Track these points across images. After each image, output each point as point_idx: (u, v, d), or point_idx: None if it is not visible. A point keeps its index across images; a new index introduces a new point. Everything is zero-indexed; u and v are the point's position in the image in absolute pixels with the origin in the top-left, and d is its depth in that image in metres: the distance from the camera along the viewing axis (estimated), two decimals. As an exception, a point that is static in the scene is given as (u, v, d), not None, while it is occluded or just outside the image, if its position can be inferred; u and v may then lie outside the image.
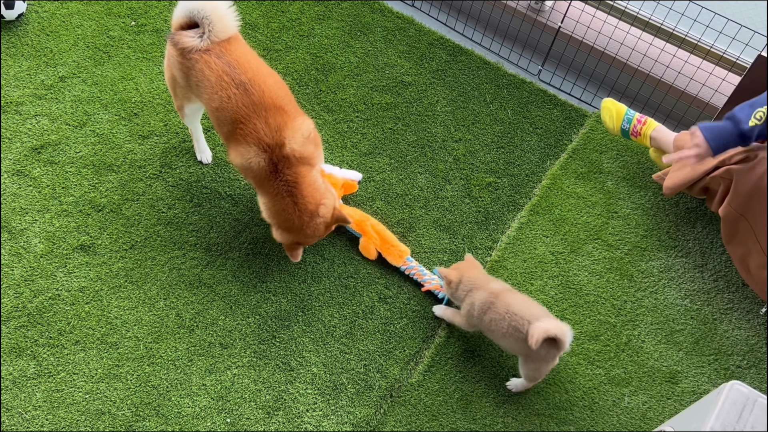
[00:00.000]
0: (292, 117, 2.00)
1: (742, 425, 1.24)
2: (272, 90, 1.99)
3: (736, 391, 1.27)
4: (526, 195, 2.49)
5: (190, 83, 2.04)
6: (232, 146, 2.02)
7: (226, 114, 1.97)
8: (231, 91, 1.95)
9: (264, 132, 1.94)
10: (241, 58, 1.99)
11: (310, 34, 2.87)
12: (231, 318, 2.18)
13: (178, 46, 1.98)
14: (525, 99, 2.73)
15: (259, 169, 1.97)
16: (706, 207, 2.46)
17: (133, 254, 2.28)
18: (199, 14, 1.94)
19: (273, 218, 2.06)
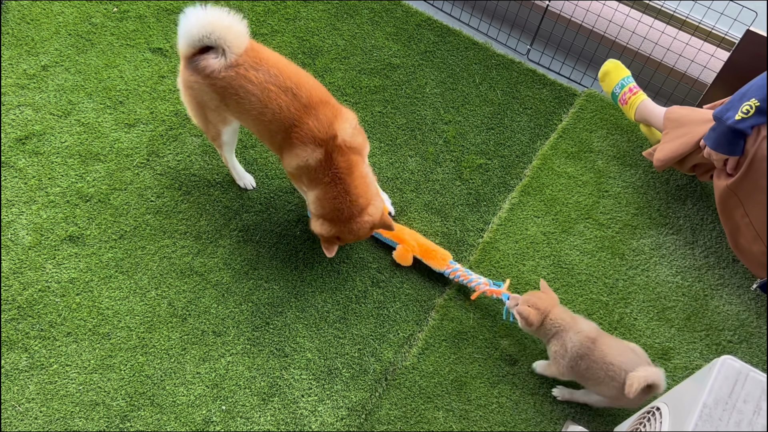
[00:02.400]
0: (337, 109, 1.97)
1: (735, 399, 1.25)
2: (315, 88, 1.96)
3: (728, 365, 1.28)
4: (517, 176, 2.49)
5: (228, 103, 1.97)
6: (287, 152, 1.97)
7: (280, 123, 1.93)
8: (281, 100, 1.91)
9: (317, 128, 1.91)
10: (279, 64, 1.94)
11: (296, 17, 2.84)
12: (223, 306, 2.17)
13: (206, 72, 1.91)
14: (514, 79, 2.72)
15: (316, 164, 1.93)
16: (696, 184, 2.47)
17: (122, 244, 2.26)
18: (211, 38, 1.86)
19: (321, 208, 2.00)
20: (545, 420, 2.02)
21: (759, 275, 2.18)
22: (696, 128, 2.10)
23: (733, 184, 2.00)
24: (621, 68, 2.44)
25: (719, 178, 2.07)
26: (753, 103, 1.85)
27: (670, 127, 2.21)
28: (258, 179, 2.41)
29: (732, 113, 1.90)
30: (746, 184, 1.97)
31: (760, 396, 1.25)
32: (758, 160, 1.93)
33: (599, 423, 2.02)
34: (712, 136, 1.98)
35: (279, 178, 2.43)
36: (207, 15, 1.85)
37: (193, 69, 1.93)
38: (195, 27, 1.85)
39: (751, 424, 1.22)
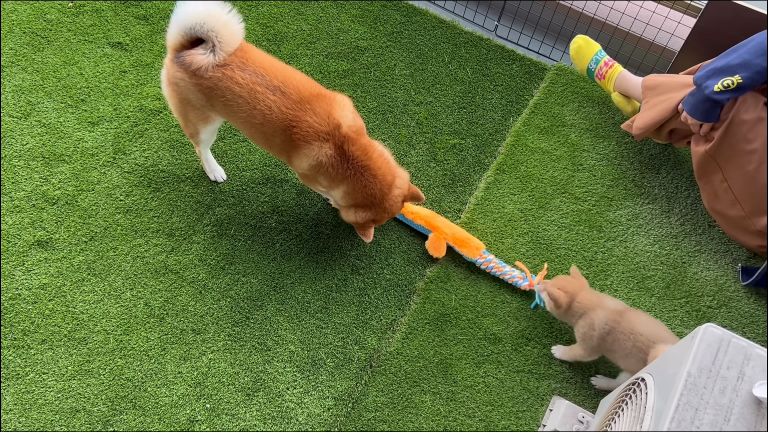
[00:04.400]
0: (331, 98, 1.90)
1: (718, 366, 1.26)
2: (304, 82, 1.89)
3: (710, 333, 1.28)
4: (491, 154, 2.47)
5: (214, 103, 1.91)
6: (294, 155, 1.90)
7: (274, 124, 1.86)
8: (270, 100, 1.84)
9: (317, 123, 1.84)
10: (265, 63, 1.87)
11: (258, 4, 2.77)
12: (201, 303, 2.13)
13: (192, 68, 1.83)
14: (483, 56, 2.69)
15: (329, 160, 1.87)
16: (670, 153, 2.47)
17: (93, 246, 2.20)
18: (203, 28, 1.78)
19: (353, 199, 1.95)
20: (532, 397, 2.03)
21: (735, 239, 2.20)
22: (674, 94, 2.09)
23: (711, 150, 2.00)
24: (591, 43, 2.42)
25: (697, 144, 2.07)
26: (735, 80, 1.84)
27: (648, 96, 2.20)
28: (228, 171, 2.36)
29: (711, 83, 1.89)
30: (724, 149, 1.98)
31: (743, 362, 1.25)
32: (735, 125, 1.93)
33: (585, 396, 2.03)
34: (690, 102, 1.97)
35: (250, 169, 2.38)
36: (206, 5, 1.78)
37: (179, 64, 1.85)
38: (191, 13, 1.77)
39: (735, 390, 1.23)
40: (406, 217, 2.23)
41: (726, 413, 1.21)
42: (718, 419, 1.21)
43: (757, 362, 1.25)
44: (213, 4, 1.79)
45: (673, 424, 1.20)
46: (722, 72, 1.88)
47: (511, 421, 1.99)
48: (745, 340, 1.28)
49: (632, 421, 1.38)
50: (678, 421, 1.21)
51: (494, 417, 2.00)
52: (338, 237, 2.27)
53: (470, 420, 1.99)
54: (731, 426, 1.20)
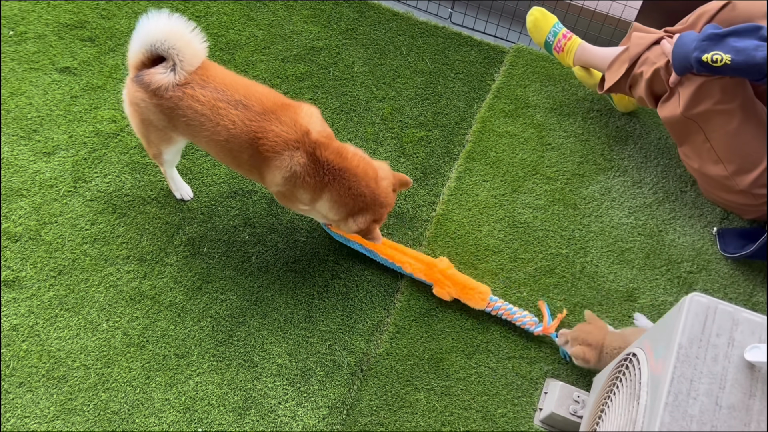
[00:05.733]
0: (297, 106, 1.85)
1: (708, 335, 1.25)
2: (267, 94, 1.83)
3: (696, 302, 1.28)
4: (459, 143, 2.45)
5: (177, 124, 1.84)
6: (265, 169, 1.83)
7: (240, 139, 1.80)
8: (232, 115, 1.78)
9: (284, 132, 1.78)
10: (226, 79, 1.81)
11: (207, 14, 2.71)
12: (181, 326, 2.08)
13: (151, 87, 1.77)
14: (441, 45, 2.66)
15: (304, 168, 1.80)
16: (635, 123, 2.48)
17: (63, 280, 2.13)
18: (164, 46, 1.72)
19: (343, 207, 1.87)
20: (525, 382, 2.02)
21: (716, 200, 2.20)
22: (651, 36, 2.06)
23: (688, 113, 1.98)
24: (548, 15, 2.39)
25: (663, 110, 2.05)
26: (726, 59, 1.80)
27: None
28: (194, 188, 2.31)
29: (699, 53, 1.84)
30: (703, 109, 1.96)
31: (731, 327, 1.25)
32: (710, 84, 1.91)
33: (578, 376, 2.02)
34: (676, 52, 1.93)
35: (216, 183, 2.33)
36: (168, 22, 1.72)
37: (139, 83, 1.79)
38: (152, 30, 1.71)
39: (727, 356, 1.23)
40: (404, 270, 2.12)
41: (721, 381, 1.21)
42: (714, 387, 1.21)
43: (745, 326, 1.25)
44: (176, 21, 1.73)
45: (670, 397, 1.20)
46: (714, 44, 1.82)
47: (507, 409, 1.98)
48: (731, 306, 1.28)
49: (628, 398, 1.38)
50: (675, 394, 1.20)
51: (490, 406, 1.99)
52: (315, 243, 2.23)
53: (467, 412, 1.98)
54: (727, 393, 1.20)
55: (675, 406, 1.19)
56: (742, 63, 1.77)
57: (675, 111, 2.01)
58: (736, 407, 1.18)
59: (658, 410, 1.19)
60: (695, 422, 1.18)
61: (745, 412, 1.18)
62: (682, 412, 1.19)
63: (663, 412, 1.18)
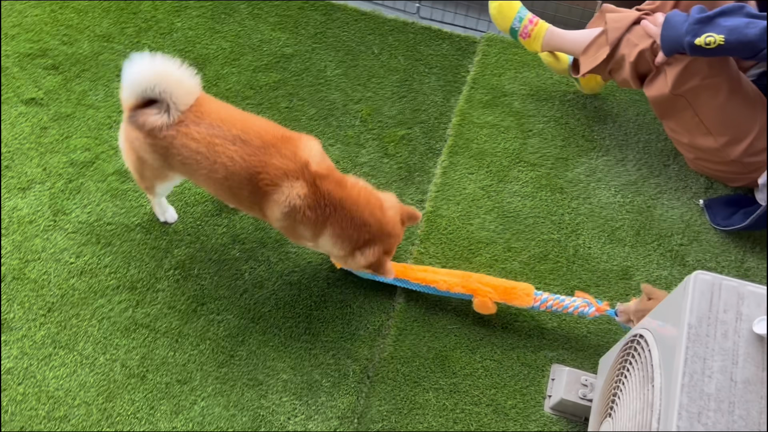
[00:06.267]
0: (297, 138, 1.78)
1: (715, 311, 1.26)
2: (266, 127, 1.76)
3: (701, 280, 1.28)
4: (441, 138, 2.44)
5: (172, 163, 1.78)
6: (265, 204, 1.76)
7: (239, 175, 1.73)
8: (230, 151, 1.71)
9: (284, 164, 1.71)
10: (221, 114, 1.74)
11: (172, 30, 2.65)
12: (180, 351, 2.04)
13: (145, 128, 1.70)
14: (412, 41, 2.65)
15: (304, 201, 1.72)
16: (612, 102, 2.50)
17: (53, 317, 2.08)
18: (155, 90, 1.65)
19: (348, 240, 1.79)
20: (532, 371, 2.02)
21: (705, 170, 2.22)
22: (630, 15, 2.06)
23: (676, 91, 1.98)
24: (512, 1, 2.36)
25: (650, 89, 2.06)
26: (719, 39, 1.79)
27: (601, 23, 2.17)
28: (178, 209, 2.26)
29: (691, 38, 1.84)
30: (691, 85, 1.97)
31: (738, 301, 1.26)
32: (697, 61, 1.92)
33: (582, 359, 2.04)
34: (665, 36, 1.92)
35: (200, 203, 2.29)
36: (154, 65, 1.64)
37: (135, 124, 1.72)
38: (139, 77, 1.64)
39: (736, 331, 1.24)
40: (440, 289, 2.05)
41: (733, 356, 1.22)
42: (727, 364, 1.21)
43: (751, 299, 1.26)
44: (163, 63, 1.65)
45: (686, 378, 1.20)
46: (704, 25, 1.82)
47: (517, 400, 1.99)
48: (735, 280, 1.29)
49: (642, 381, 1.38)
50: (690, 374, 1.21)
51: (500, 399, 1.99)
52: (306, 253, 2.20)
53: (477, 407, 1.98)
54: (741, 368, 1.21)
55: (691, 387, 1.20)
56: (735, 42, 1.78)
57: (663, 90, 2.01)
58: (751, 381, 1.19)
59: (675, 392, 1.20)
60: (713, 400, 1.18)
61: (761, 385, 1.19)
62: (698, 391, 1.19)
63: (680, 394, 1.19)
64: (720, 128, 2.03)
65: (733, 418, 1.17)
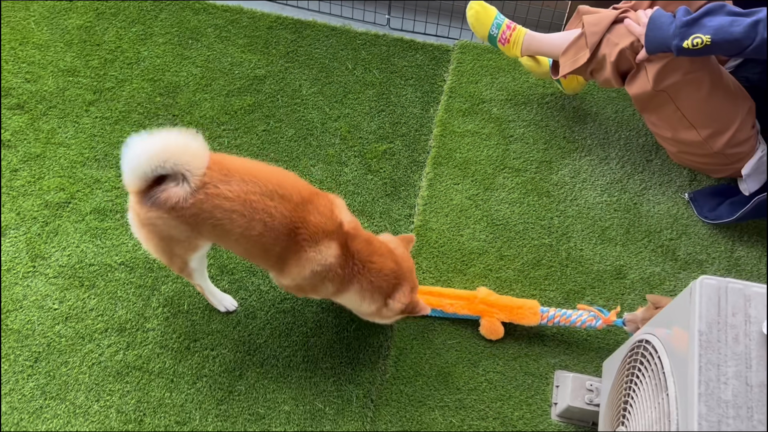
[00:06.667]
0: (327, 196, 1.74)
1: (724, 316, 1.26)
2: (297, 182, 1.71)
3: (706, 285, 1.28)
4: (424, 150, 2.42)
5: (202, 229, 1.67)
6: (293, 260, 1.70)
7: (276, 232, 1.65)
8: (270, 206, 1.63)
9: (323, 222, 1.67)
10: (251, 169, 1.65)
11: (139, 59, 2.59)
12: (177, 391, 1.98)
13: (168, 206, 1.59)
14: (385, 53, 2.62)
15: (337, 259, 1.70)
16: (590, 101, 2.50)
17: (41, 367, 2.00)
18: (166, 166, 1.54)
19: (378, 291, 1.77)
20: (536, 380, 2.01)
21: (687, 162, 2.23)
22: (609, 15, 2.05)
23: (659, 87, 1.98)
24: (488, 7, 2.34)
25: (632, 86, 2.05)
26: (706, 40, 1.81)
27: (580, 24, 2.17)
28: (163, 245, 2.20)
29: (679, 41, 1.84)
30: (673, 81, 1.97)
31: (745, 304, 1.26)
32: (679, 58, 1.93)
33: (585, 362, 2.03)
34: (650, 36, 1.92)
35: (185, 235, 2.23)
36: (157, 141, 1.53)
37: (153, 204, 1.61)
38: (145, 158, 1.53)
39: (746, 334, 1.23)
40: (447, 312, 2.06)
41: (746, 360, 1.22)
42: (741, 368, 1.21)
43: (758, 300, 1.26)
44: (161, 135, 1.55)
45: (702, 386, 1.20)
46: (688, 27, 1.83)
47: (523, 410, 1.97)
48: (740, 282, 1.29)
49: (655, 389, 1.37)
50: (705, 382, 1.20)
51: (506, 411, 1.97)
52: (298, 279, 2.16)
53: (485, 422, 1.96)
54: (755, 371, 1.20)
55: (708, 395, 1.19)
56: (721, 41, 1.80)
57: (645, 87, 2.01)
58: (766, 384, 1.19)
59: (693, 401, 1.19)
60: (731, 407, 1.18)
61: (776, 387, 1.19)
62: (716, 399, 1.19)
63: (699, 404, 1.18)
64: (703, 121, 2.04)
65: (753, 423, 1.17)
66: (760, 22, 1.76)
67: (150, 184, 1.61)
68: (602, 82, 2.13)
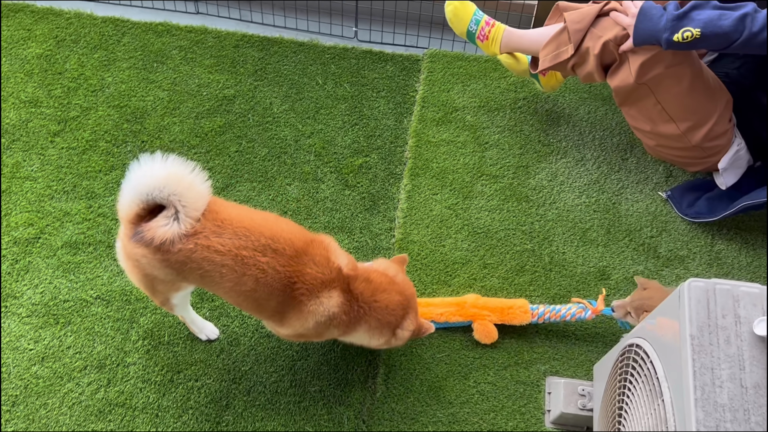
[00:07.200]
0: (320, 241, 1.68)
1: (714, 318, 1.25)
2: (292, 231, 1.64)
3: (695, 288, 1.27)
4: (400, 162, 2.39)
5: (188, 276, 1.60)
6: (293, 314, 1.65)
7: (270, 287, 1.59)
8: (262, 263, 1.56)
9: (320, 273, 1.62)
10: (243, 221, 1.58)
11: (103, 86, 2.52)
12: (162, 426, 1.92)
13: (155, 244, 1.51)
14: (355, 66, 2.59)
15: (341, 308, 1.65)
16: (563, 103, 2.50)
17: (18, 411, 1.93)
18: (163, 193, 1.47)
19: (387, 326, 1.74)
20: (528, 388, 1.99)
21: (665, 156, 2.23)
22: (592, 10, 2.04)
23: (641, 80, 1.98)
24: (466, 4, 2.26)
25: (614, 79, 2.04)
26: (696, 33, 1.80)
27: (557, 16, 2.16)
28: (140, 275, 2.14)
29: (669, 35, 1.84)
30: (654, 73, 1.97)
31: (734, 304, 1.25)
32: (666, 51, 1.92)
33: (575, 367, 2.02)
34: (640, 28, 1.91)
35: (162, 264, 2.17)
36: (164, 167, 1.47)
37: (142, 241, 1.53)
38: (147, 178, 1.46)
39: (738, 335, 1.23)
40: (439, 322, 2.03)
41: (740, 362, 1.21)
42: (735, 371, 1.20)
43: (747, 300, 1.26)
44: (173, 164, 1.49)
45: (697, 392, 1.18)
46: (678, 20, 1.83)
47: (517, 420, 1.95)
48: (728, 282, 1.28)
49: (650, 395, 1.36)
50: (701, 388, 1.19)
51: (500, 422, 1.95)
52: (280, 301, 2.12)
53: (479, 435, 1.93)
54: (749, 373, 1.19)
55: (704, 400, 1.18)
56: (710, 34, 1.80)
57: (628, 79, 2.00)
58: (760, 385, 1.18)
59: (690, 408, 1.18)
60: (728, 410, 1.17)
61: (771, 387, 1.18)
62: (712, 403, 1.17)
63: (696, 410, 1.17)
64: (682, 114, 2.05)
65: (750, 425, 1.16)
66: (747, 15, 1.78)
67: (142, 215, 1.54)
68: (584, 77, 2.10)
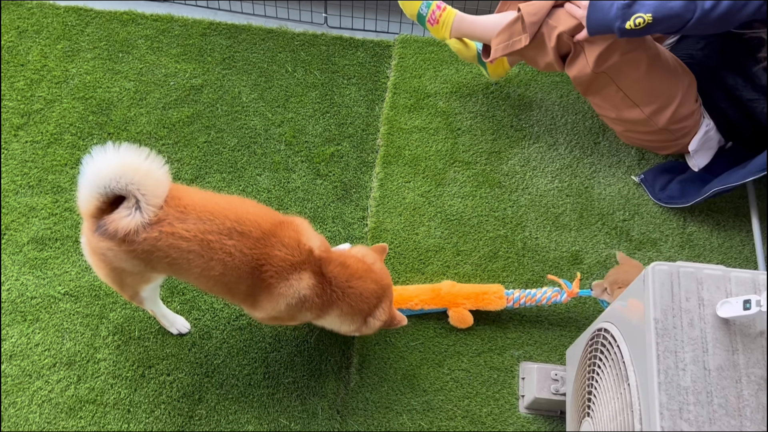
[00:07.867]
0: (291, 222, 1.65)
1: (678, 301, 1.25)
2: (259, 213, 1.61)
3: (658, 271, 1.27)
4: (372, 149, 2.37)
5: (156, 266, 1.57)
6: (265, 297, 1.63)
7: (239, 270, 1.57)
8: (228, 246, 1.54)
9: (290, 254, 1.59)
10: (207, 205, 1.55)
11: (67, 78, 2.47)
12: (134, 422, 1.90)
13: (119, 236, 1.48)
14: (325, 53, 2.56)
15: (313, 289, 1.63)
16: (534, 88, 2.49)
17: (-14, 412, 1.90)
18: (120, 184, 1.44)
19: (359, 313, 1.73)
20: (501, 373, 2.00)
21: (635, 141, 2.24)
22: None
23: (598, 69, 1.97)
24: None
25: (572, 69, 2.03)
26: (648, 18, 1.79)
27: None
28: (108, 270, 2.11)
29: (621, 23, 1.82)
30: (612, 61, 1.96)
31: (697, 287, 1.26)
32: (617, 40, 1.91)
33: (549, 351, 2.02)
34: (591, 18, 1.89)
35: (131, 258, 2.14)
36: (118, 156, 1.44)
37: (105, 234, 1.50)
38: (102, 170, 1.43)
39: (701, 318, 1.23)
40: (414, 309, 2.03)
41: (702, 344, 1.21)
42: (698, 353, 1.20)
43: (710, 283, 1.26)
44: (127, 153, 1.46)
45: (661, 375, 1.19)
46: (628, 6, 1.82)
47: (491, 406, 1.95)
48: (691, 265, 1.28)
49: (617, 379, 1.36)
50: (664, 371, 1.19)
51: (474, 408, 1.95)
52: (252, 293, 2.09)
53: (453, 422, 1.93)
54: (711, 355, 1.20)
55: (668, 383, 1.18)
56: (662, 17, 1.79)
57: (585, 69, 2.00)
58: (723, 367, 1.19)
59: (654, 391, 1.18)
60: (691, 393, 1.17)
61: (733, 369, 1.19)
62: (675, 386, 1.18)
63: (659, 393, 1.17)
64: (644, 99, 2.05)
65: (713, 407, 1.16)
66: None
67: (103, 208, 1.50)
68: (544, 66, 2.10)
